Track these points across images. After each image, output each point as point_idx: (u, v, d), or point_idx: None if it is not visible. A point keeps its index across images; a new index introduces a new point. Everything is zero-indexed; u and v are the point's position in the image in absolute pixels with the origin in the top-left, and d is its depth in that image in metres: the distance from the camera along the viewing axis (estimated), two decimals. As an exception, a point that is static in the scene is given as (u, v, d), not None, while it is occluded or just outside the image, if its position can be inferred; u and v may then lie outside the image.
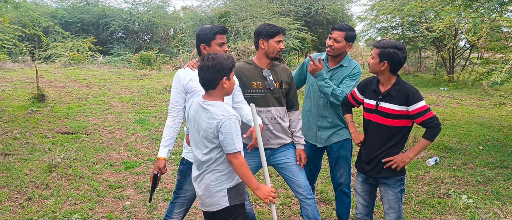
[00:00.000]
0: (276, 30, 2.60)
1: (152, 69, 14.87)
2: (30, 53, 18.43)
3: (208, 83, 2.06)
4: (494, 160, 5.05)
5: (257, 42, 2.66)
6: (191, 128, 2.18)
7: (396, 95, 2.41)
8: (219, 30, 2.47)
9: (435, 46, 14.64)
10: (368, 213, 2.73)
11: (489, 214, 3.37)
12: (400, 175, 2.50)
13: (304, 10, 18.27)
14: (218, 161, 2.10)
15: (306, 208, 2.68)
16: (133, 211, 3.57)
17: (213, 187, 2.12)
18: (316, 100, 2.97)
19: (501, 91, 7.90)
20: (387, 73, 2.44)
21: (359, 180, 2.68)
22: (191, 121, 2.17)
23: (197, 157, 2.16)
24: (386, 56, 2.38)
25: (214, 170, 2.12)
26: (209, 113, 2.04)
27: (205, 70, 2.04)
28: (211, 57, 2.05)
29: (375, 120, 2.50)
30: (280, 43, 2.62)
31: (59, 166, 4.39)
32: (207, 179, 2.13)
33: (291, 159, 2.73)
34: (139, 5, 22.57)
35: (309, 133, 3.05)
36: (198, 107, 2.11)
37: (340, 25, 2.85)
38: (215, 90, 2.08)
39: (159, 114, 7.43)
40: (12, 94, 8.58)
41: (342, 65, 2.91)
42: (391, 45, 2.39)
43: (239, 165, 2.05)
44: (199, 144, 2.13)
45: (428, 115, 2.36)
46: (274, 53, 2.63)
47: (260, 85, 2.62)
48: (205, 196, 2.15)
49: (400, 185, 2.51)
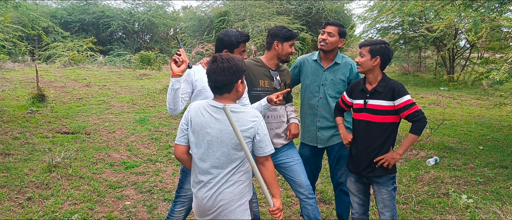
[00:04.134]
0: (292, 35, 2.66)
1: (152, 69, 14.88)
2: (30, 53, 18.44)
3: (223, 86, 1.92)
4: (494, 160, 5.05)
5: (271, 42, 2.68)
6: (199, 137, 1.95)
7: (383, 91, 2.45)
8: (244, 39, 2.54)
9: (435, 46, 14.64)
10: (365, 211, 2.75)
11: (489, 214, 3.37)
12: (392, 173, 2.53)
13: (304, 10, 18.28)
14: (240, 171, 1.94)
15: (307, 208, 2.68)
16: (133, 211, 3.57)
17: (236, 201, 1.93)
18: (314, 101, 2.97)
19: (501, 91, 7.90)
20: (377, 70, 2.48)
21: (352, 180, 2.70)
22: (201, 130, 1.94)
23: (207, 170, 1.94)
24: (377, 51, 2.44)
25: (238, 181, 1.94)
26: (242, 115, 1.91)
27: (220, 73, 1.90)
28: (225, 59, 1.92)
29: (364, 118, 2.53)
30: (292, 46, 2.69)
31: (59, 166, 4.39)
32: (228, 194, 1.92)
33: (292, 158, 2.73)
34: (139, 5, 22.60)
35: (308, 135, 3.05)
36: (221, 111, 1.92)
37: (332, 21, 2.89)
38: (230, 94, 1.96)
39: (159, 113, 7.43)
40: (12, 94, 8.58)
41: (337, 62, 2.92)
42: (379, 42, 2.47)
43: (271, 168, 1.97)
44: (218, 154, 1.92)
45: (413, 109, 2.39)
46: (285, 55, 2.69)
47: (268, 84, 2.65)
48: (220, 213, 1.93)
49: (393, 183, 2.54)
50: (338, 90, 2.90)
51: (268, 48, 2.72)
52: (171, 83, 2.30)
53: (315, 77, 2.95)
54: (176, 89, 2.30)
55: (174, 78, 2.27)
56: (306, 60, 3.05)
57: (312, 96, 2.97)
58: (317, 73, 2.95)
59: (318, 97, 2.93)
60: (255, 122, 1.92)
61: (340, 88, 2.90)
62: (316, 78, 2.95)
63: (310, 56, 3.03)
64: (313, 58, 2.99)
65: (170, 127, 6.55)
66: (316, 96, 2.94)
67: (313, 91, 2.96)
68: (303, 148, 3.12)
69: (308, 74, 3.00)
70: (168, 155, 5.16)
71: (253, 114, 1.94)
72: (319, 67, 2.95)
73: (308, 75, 3.00)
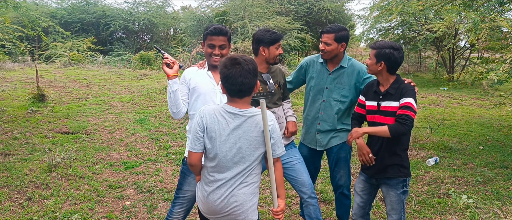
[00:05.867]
0: (276, 37, 2.64)
1: (152, 69, 14.88)
2: (30, 53, 18.43)
3: (249, 89, 1.87)
4: (494, 160, 5.05)
5: (257, 49, 2.67)
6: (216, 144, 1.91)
7: (395, 93, 2.44)
8: (210, 31, 2.44)
9: (435, 46, 14.64)
10: (363, 214, 2.73)
11: (489, 214, 3.37)
12: (403, 176, 2.50)
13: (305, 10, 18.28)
14: (253, 173, 1.95)
15: (309, 208, 2.67)
16: (133, 211, 3.57)
17: (248, 202, 1.94)
18: (317, 104, 2.96)
19: (501, 91, 7.89)
20: (385, 74, 2.47)
21: (361, 179, 2.69)
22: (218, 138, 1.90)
23: (222, 173, 1.93)
24: (382, 56, 2.42)
25: (252, 182, 1.95)
26: (254, 119, 1.91)
27: (246, 75, 1.83)
28: (249, 61, 1.86)
29: (378, 120, 2.51)
30: (279, 48, 2.67)
31: (59, 166, 4.39)
32: (241, 195, 1.92)
33: (294, 158, 2.74)
34: (139, 5, 22.58)
35: (308, 136, 3.05)
36: (239, 118, 1.90)
37: (328, 28, 2.83)
38: (250, 97, 1.92)
39: (159, 113, 7.43)
40: (12, 94, 8.58)
41: (342, 66, 2.90)
42: (387, 46, 2.43)
43: (281, 168, 2.00)
44: (235, 159, 1.91)
45: (407, 112, 2.35)
46: (273, 59, 2.67)
47: (262, 89, 2.64)
48: (232, 213, 1.93)
49: (403, 186, 2.51)
50: (343, 94, 2.87)
51: (255, 54, 2.71)
52: (169, 86, 2.34)
53: (320, 80, 2.95)
54: (175, 90, 2.33)
55: (171, 81, 2.32)
56: (313, 61, 3.04)
57: (315, 98, 2.97)
58: (322, 76, 2.95)
59: (321, 100, 2.93)
60: (271, 125, 1.91)
61: (345, 93, 2.88)
62: (320, 81, 2.95)
63: (317, 58, 3.02)
64: (320, 61, 2.98)
65: (170, 127, 6.55)
66: (319, 99, 2.94)
67: (317, 94, 2.96)
68: (302, 148, 3.12)
69: (313, 76, 3.00)
70: (168, 155, 5.16)
71: (269, 117, 1.92)
72: (324, 70, 2.95)
73: (313, 77, 3.00)
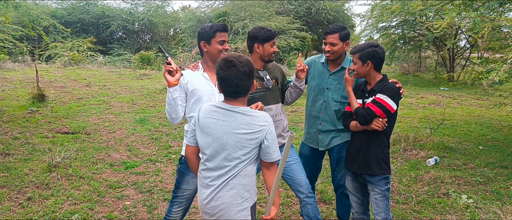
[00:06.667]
0: (271, 35, 2.64)
1: (152, 69, 14.88)
2: (30, 53, 18.44)
3: (244, 90, 1.86)
4: (494, 160, 5.05)
5: (251, 46, 2.67)
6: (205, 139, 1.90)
7: (378, 90, 2.48)
8: (219, 28, 2.46)
9: (435, 46, 14.64)
10: (364, 211, 2.75)
11: (489, 214, 3.37)
12: (386, 173, 2.54)
13: (305, 10, 18.28)
14: (242, 173, 1.86)
15: (307, 207, 2.68)
16: (133, 211, 3.57)
17: (236, 206, 1.85)
18: (317, 104, 2.97)
19: (501, 91, 7.89)
20: (373, 72, 2.52)
21: (349, 179, 2.73)
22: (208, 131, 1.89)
23: (210, 171, 1.90)
24: (366, 56, 2.46)
25: (239, 185, 1.86)
26: (252, 119, 1.85)
27: (242, 77, 1.82)
28: (244, 62, 1.84)
29: None
30: (274, 46, 2.67)
31: (59, 166, 4.39)
32: (228, 197, 1.85)
33: (291, 158, 2.74)
34: (139, 5, 22.59)
35: (309, 136, 3.06)
36: (228, 114, 1.87)
37: (331, 28, 2.84)
38: (245, 97, 1.91)
39: (159, 113, 7.43)
40: (12, 94, 8.58)
41: (343, 67, 2.90)
42: (367, 46, 2.49)
43: (276, 173, 1.91)
44: (221, 156, 1.86)
45: (373, 106, 2.42)
46: (268, 56, 2.67)
47: (259, 86, 2.65)
48: (220, 216, 1.87)
49: (386, 183, 2.55)
50: (344, 94, 2.88)
51: (250, 51, 2.71)
52: (169, 93, 2.34)
53: (321, 80, 2.96)
54: (175, 98, 2.34)
55: (172, 88, 2.32)
56: (315, 61, 3.04)
57: (316, 98, 2.97)
58: (323, 76, 2.95)
59: (322, 100, 2.93)
60: (264, 127, 1.85)
61: (346, 94, 2.87)
62: (321, 81, 2.95)
63: (318, 58, 3.03)
64: (321, 61, 2.99)
65: (170, 127, 6.55)
66: (320, 99, 2.94)
67: (318, 94, 2.96)
68: (304, 147, 3.12)
69: (315, 76, 3.00)
70: (168, 155, 5.16)
71: (263, 118, 1.87)
72: (325, 70, 2.95)
73: (314, 77, 3.00)
